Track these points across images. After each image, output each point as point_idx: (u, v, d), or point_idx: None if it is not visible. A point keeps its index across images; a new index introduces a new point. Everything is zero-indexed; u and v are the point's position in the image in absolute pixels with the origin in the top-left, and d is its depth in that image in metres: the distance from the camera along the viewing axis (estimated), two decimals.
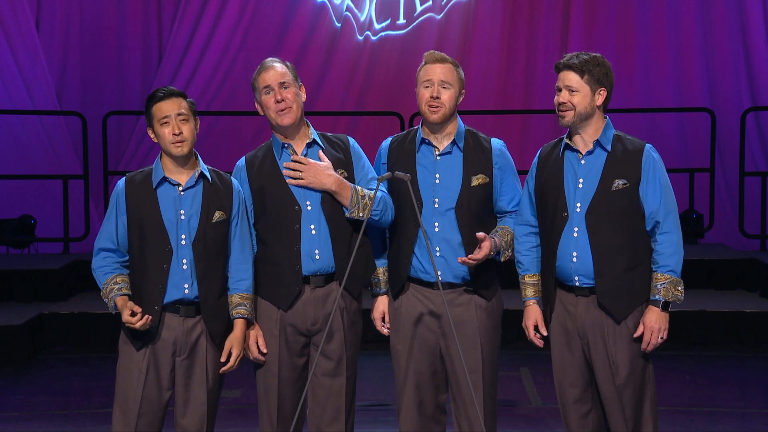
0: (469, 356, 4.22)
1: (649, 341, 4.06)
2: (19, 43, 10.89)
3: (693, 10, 11.29)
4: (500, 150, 4.30)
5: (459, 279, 4.24)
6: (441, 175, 4.24)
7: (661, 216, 4.08)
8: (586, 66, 4.12)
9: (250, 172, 4.26)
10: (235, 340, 4.14)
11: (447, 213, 4.21)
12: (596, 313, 4.11)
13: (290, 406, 4.27)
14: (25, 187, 10.56)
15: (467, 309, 4.24)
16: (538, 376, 6.95)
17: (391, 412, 6.31)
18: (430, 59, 4.28)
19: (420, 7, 11.69)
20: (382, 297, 4.40)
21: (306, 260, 4.19)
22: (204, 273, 4.06)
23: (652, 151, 4.14)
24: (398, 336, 4.33)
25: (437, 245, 4.22)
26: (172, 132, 4.05)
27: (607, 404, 4.14)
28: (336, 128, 11.01)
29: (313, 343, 4.27)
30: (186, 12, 11.58)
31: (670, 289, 4.07)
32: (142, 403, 4.05)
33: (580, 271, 4.10)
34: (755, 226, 9.91)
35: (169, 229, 4.05)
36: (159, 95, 4.09)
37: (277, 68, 4.24)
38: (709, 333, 7.90)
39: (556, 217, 4.14)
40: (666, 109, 10.73)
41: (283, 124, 4.20)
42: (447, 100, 4.21)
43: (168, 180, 4.09)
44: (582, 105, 4.10)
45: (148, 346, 4.06)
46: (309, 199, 4.20)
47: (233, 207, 4.15)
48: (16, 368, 7.39)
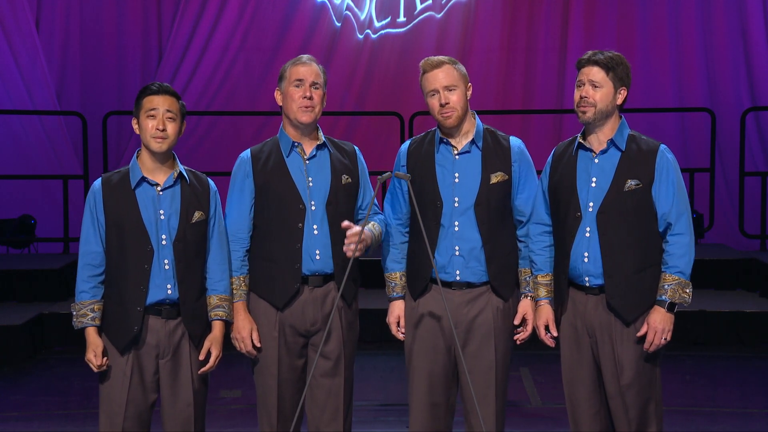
0: (483, 357, 4.23)
1: (652, 341, 4.04)
2: (19, 43, 10.90)
3: (693, 10, 11.29)
4: (519, 148, 4.29)
5: (478, 279, 4.24)
6: (460, 174, 4.23)
7: (673, 217, 4.05)
8: (611, 63, 4.09)
9: (256, 166, 4.26)
10: (214, 341, 4.13)
11: (467, 212, 4.21)
12: (605, 313, 4.09)
13: (289, 407, 4.27)
14: (25, 187, 10.56)
15: (484, 310, 4.24)
16: (538, 376, 6.95)
17: (391, 411, 6.31)
18: (427, 67, 4.23)
19: (420, 5, 11.69)
20: (398, 302, 4.39)
21: (306, 259, 4.20)
22: (184, 273, 4.06)
23: (667, 152, 4.11)
24: (414, 336, 4.33)
25: (456, 244, 4.21)
26: (156, 126, 4.02)
27: (612, 404, 4.13)
28: (336, 128, 11.01)
29: (311, 343, 4.27)
30: (186, 12, 11.58)
31: (678, 291, 4.03)
32: (128, 406, 4.04)
33: (591, 271, 4.09)
34: (755, 226, 9.91)
35: (150, 229, 4.03)
36: (153, 88, 4.08)
37: (314, 67, 4.28)
38: (709, 333, 7.90)
39: (569, 217, 4.12)
40: (666, 109, 10.73)
41: (301, 120, 4.21)
42: (456, 102, 4.20)
43: (146, 180, 4.07)
44: (604, 102, 4.07)
45: (131, 351, 4.05)
46: (314, 200, 4.21)
47: (210, 207, 4.14)
48: (16, 368, 7.39)
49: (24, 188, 10.56)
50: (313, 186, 4.23)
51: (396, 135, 10.14)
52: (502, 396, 4.28)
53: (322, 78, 4.28)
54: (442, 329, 4.25)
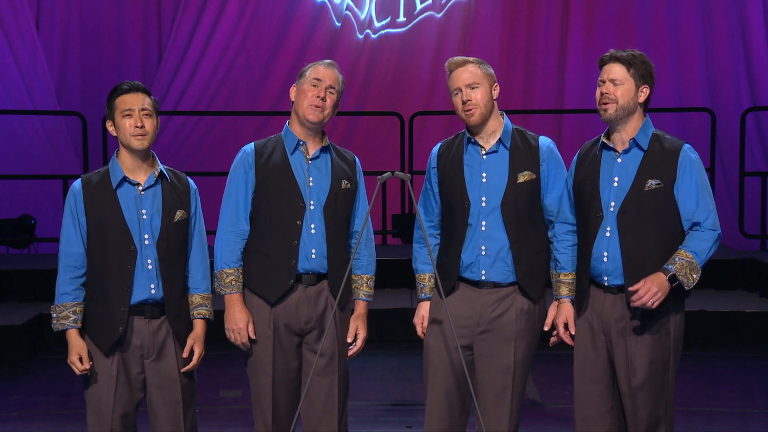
0: (502, 358, 4.22)
1: (640, 297, 3.93)
2: (19, 43, 10.91)
3: (693, 10, 11.30)
4: (548, 147, 4.29)
5: (504, 279, 4.24)
6: (487, 173, 4.24)
7: (700, 217, 4.00)
8: (633, 60, 4.07)
9: (258, 160, 4.27)
10: (197, 339, 4.13)
11: (494, 211, 4.21)
12: (622, 312, 4.07)
13: (284, 407, 4.27)
14: (25, 187, 10.57)
15: (507, 312, 4.23)
16: (538, 376, 6.95)
17: (391, 411, 6.31)
18: (452, 66, 4.27)
19: (420, 5, 11.70)
20: (425, 303, 4.40)
21: (302, 257, 4.20)
22: (168, 273, 4.06)
23: (690, 152, 4.07)
24: (434, 333, 4.33)
25: (483, 244, 4.21)
26: (135, 124, 4.01)
27: (624, 403, 4.13)
28: (336, 128, 11.02)
29: (305, 342, 4.27)
30: (186, 12, 11.59)
31: (686, 268, 3.95)
32: (116, 407, 4.04)
33: (610, 271, 4.07)
34: (755, 226, 9.91)
35: (132, 229, 4.02)
36: (124, 87, 4.06)
37: (335, 72, 4.32)
38: (709, 333, 7.90)
39: (591, 217, 4.10)
40: (666, 109, 10.73)
41: (309, 118, 4.23)
42: (479, 99, 4.20)
43: (127, 180, 4.07)
44: (625, 99, 4.05)
45: (116, 352, 4.05)
46: (314, 199, 4.22)
47: (191, 206, 4.15)
48: (16, 368, 7.39)
49: (24, 188, 10.57)
50: (313, 186, 4.24)
51: (396, 135, 10.13)
52: (519, 398, 4.28)
53: (340, 85, 4.33)
54: (463, 329, 4.25)
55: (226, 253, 4.24)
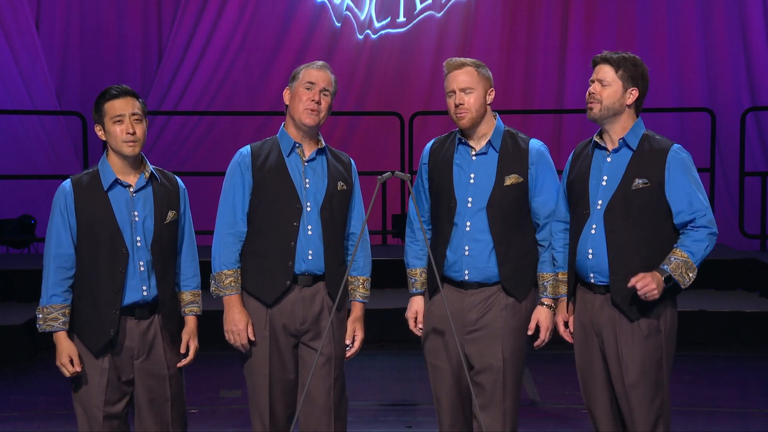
0: (491, 356, 4.23)
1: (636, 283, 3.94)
2: (19, 43, 10.91)
3: (693, 10, 11.30)
4: (538, 150, 4.29)
5: (488, 279, 4.25)
6: (476, 174, 4.26)
7: (693, 216, 4.02)
8: (622, 62, 4.12)
9: (255, 162, 4.27)
10: (192, 334, 4.16)
11: (479, 213, 4.23)
12: (610, 312, 4.09)
13: (281, 407, 4.27)
14: (25, 187, 10.57)
15: (491, 309, 4.25)
16: (538, 376, 6.95)
17: (390, 411, 6.31)
18: (450, 68, 4.28)
19: (420, 5, 11.70)
20: (417, 297, 4.42)
21: (299, 258, 4.21)
22: (162, 273, 4.06)
23: (681, 151, 4.10)
24: (428, 334, 4.35)
25: (467, 244, 4.23)
26: (126, 131, 4.01)
27: (620, 403, 4.13)
28: (336, 128, 11.02)
29: (302, 342, 4.27)
30: (186, 12, 11.59)
31: (681, 268, 3.99)
32: (106, 406, 4.04)
33: (596, 268, 4.09)
34: (755, 226, 9.91)
35: (124, 231, 4.01)
36: (113, 92, 4.05)
37: (328, 74, 4.30)
38: (709, 333, 7.90)
39: (577, 214, 4.14)
40: (666, 109, 10.73)
41: (305, 122, 4.23)
42: (472, 104, 4.22)
43: (119, 182, 4.05)
44: (610, 100, 4.09)
45: (107, 353, 4.04)
46: (310, 201, 4.23)
47: (181, 205, 4.16)
48: (16, 368, 7.39)
49: (24, 188, 10.57)
50: (309, 188, 4.24)
51: (396, 135, 10.14)
52: (512, 395, 4.28)
53: (333, 87, 4.31)
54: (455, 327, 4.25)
55: (224, 254, 4.24)
